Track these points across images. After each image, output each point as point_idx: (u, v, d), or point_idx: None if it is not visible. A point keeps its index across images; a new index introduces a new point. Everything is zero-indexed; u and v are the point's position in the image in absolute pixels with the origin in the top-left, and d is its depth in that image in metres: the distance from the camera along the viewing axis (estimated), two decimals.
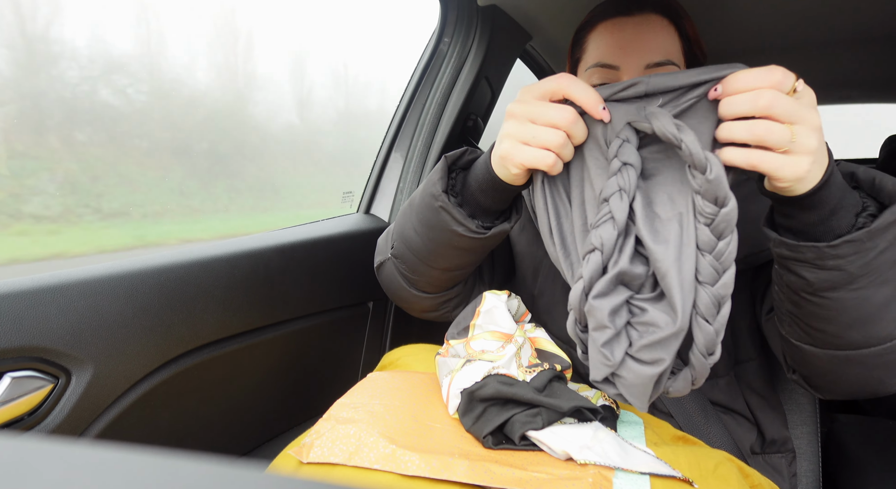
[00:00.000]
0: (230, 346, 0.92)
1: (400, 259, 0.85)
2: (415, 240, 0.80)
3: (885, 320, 0.61)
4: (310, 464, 0.57)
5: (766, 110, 0.52)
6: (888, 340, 0.62)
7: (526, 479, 0.54)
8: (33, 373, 0.68)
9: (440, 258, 0.79)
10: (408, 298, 0.90)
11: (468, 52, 1.32)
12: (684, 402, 0.84)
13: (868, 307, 0.60)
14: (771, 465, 0.85)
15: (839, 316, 0.62)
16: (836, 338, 0.64)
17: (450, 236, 0.74)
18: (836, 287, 0.59)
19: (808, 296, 0.62)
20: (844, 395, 0.72)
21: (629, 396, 0.59)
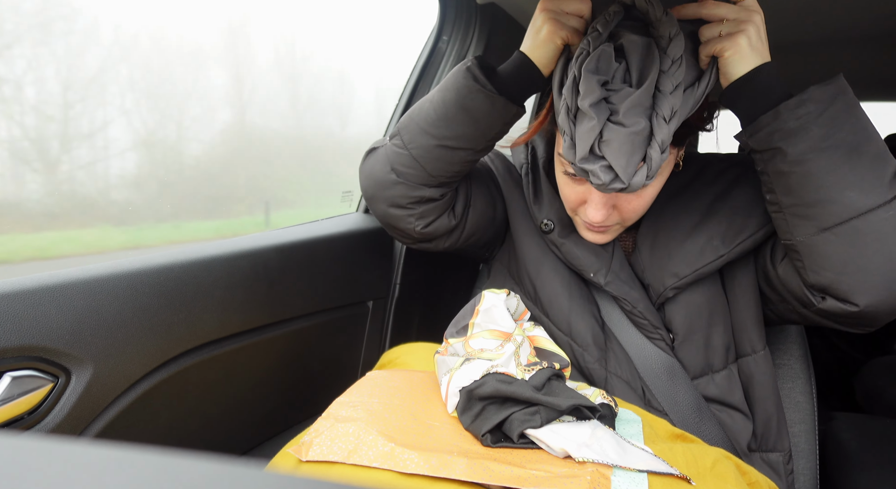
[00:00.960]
0: (230, 346, 0.92)
1: (399, 133, 0.88)
2: (425, 108, 0.86)
3: (870, 177, 0.67)
4: (309, 463, 0.58)
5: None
6: (884, 200, 0.66)
7: (524, 477, 0.54)
8: (33, 373, 0.68)
9: (443, 122, 0.83)
10: (384, 184, 0.89)
11: (467, 50, 1.32)
12: (678, 400, 0.84)
13: (848, 162, 0.67)
14: (768, 463, 0.86)
15: (826, 177, 0.68)
16: (835, 204, 0.68)
17: (463, 94, 0.81)
18: (811, 147, 0.68)
19: (791, 168, 0.70)
20: (881, 294, 0.70)
21: (614, 160, 0.67)
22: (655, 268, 0.87)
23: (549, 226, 0.91)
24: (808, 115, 0.68)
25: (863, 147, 0.68)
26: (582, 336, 0.88)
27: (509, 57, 0.84)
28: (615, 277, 0.87)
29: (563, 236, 0.90)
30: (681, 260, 0.85)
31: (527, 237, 0.96)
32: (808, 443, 0.97)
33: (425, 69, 1.34)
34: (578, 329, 0.88)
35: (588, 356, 0.87)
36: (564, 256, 0.90)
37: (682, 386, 0.85)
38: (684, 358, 0.86)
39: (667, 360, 0.85)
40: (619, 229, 0.86)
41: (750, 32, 0.70)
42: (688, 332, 0.85)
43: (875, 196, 0.67)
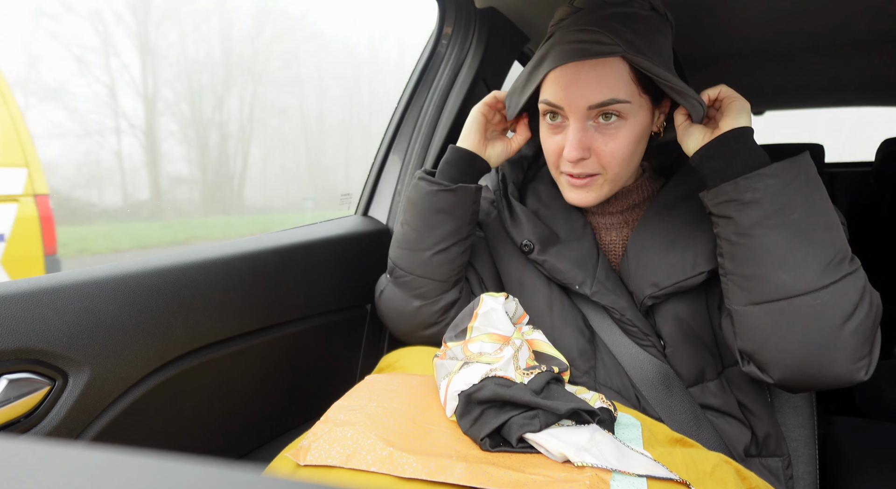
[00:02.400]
0: (228, 349, 0.92)
1: (397, 265, 0.97)
2: (404, 232, 0.96)
3: (808, 263, 0.69)
4: (307, 467, 0.57)
5: None
6: (814, 288, 0.69)
7: (523, 482, 0.54)
8: (30, 376, 0.68)
9: (426, 233, 0.93)
10: (410, 315, 0.97)
11: (466, 54, 1.32)
12: (675, 408, 0.84)
13: (789, 244, 0.70)
14: (767, 468, 0.85)
15: (766, 255, 0.71)
16: (768, 282, 0.71)
17: (430, 200, 0.92)
18: (758, 222, 0.71)
19: (738, 239, 0.73)
20: (793, 373, 0.72)
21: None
22: (638, 276, 0.87)
23: (528, 246, 0.92)
24: (765, 189, 0.71)
25: (811, 230, 0.70)
26: (567, 351, 0.88)
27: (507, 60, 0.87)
28: (601, 286, 0.87)
29: (543, 253, 0.90)
30: (662, 270, 0.84)
31: (506, 257, 0.98)
32: (808, 447, 0.97)
33: (424, 73, 1.34)
34: (562, 344, 0.89)
35: (574, 370, 0.88)
36: (548, 272, 0.91)
37: (678, 393, 0.84)
38: (678, 365, 0.85)
39: (661, 367, 0.85)
40: (603, 185, 0.84)
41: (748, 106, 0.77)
42: (678, 340, 0.85)
43: (806, 282, 0.69)
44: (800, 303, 0.69)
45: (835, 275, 0.69)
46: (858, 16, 1.30)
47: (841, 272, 0.69)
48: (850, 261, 0.71)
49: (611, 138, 0.80)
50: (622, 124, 0.80)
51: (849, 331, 0.69)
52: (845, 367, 0.70)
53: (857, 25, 1.36)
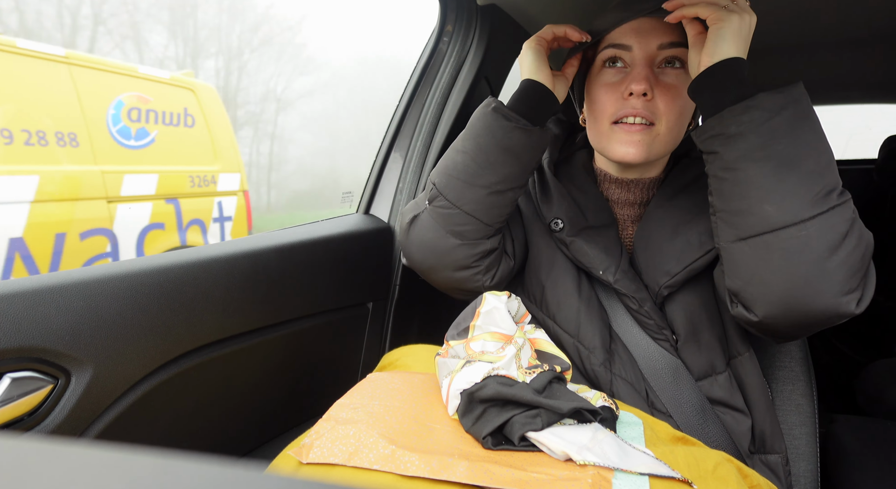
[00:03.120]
0: (230, 347, 0.92)
1: (442, 193, 0.88)
2: (461, 161, 0.87)
3: (793, 194, 0.67)
4: (309, 465, 0.57)
5: None
6: (800, 219, 0.67)
7: (525, 480, 0.54)
8: (33, 374, 0.68)
9: (487, 169, 0.85)
10: (444, 252, 0.89)
11: (468, 52, 1.32)
12: (683, 401, 0.84)
13: (775, 176, 0.68)
14: (767, 465, 0.85)
15: (751, 187, 0.70)
16: (753, 215, 0.70)
17: (500, 136, 0.84)
18: (743, 155, 0.70)
19: (724, 174, 0.72)
20: (778, 308, 0.71)
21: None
22: (650, 268, 0.87)
23: (558, 224, 0.91)
24: (750, 122, 0.69)
25: (798, 162, 0.68)
26: (590, 338, 0.88)
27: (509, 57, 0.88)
28: (623, 275, 0.87)
29: (572, 234, 0.90)
30: (671, 257, 0.85)
31: (537, 238, 0.96)
32: (809, 445, 0.97)
33: (426, 70, 1.34)
34: (587, 331, 0.88)
35: (594, 358, 0.87)
36: (574, 254, 0.90)
37: (687, 387, 0.84)
38: (688, 359, 0.86)
39: (671, 361, 0.85)
40: (654, 139, 0.84)
41: (745, 20, 0.74)
42: (690, 333, 0.86)
43: (792, 214, 0.68)
44: (785, 235, 0.68)
45: (821, 206, 0.67)
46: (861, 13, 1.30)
47: (828, 204, 0.67)
48: (840, 194, 0.69)
49: (672, 86, 0.83)
50: (682, 76, 0.83)
51: (836, 262, 0.67)
52: (833, 299, 0.68)
53: (860, 22, 1.36)
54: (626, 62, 0.85)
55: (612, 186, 0.94)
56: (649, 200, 0.94)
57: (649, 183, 0.93)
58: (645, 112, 0.82)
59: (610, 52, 0.86)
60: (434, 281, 0.95)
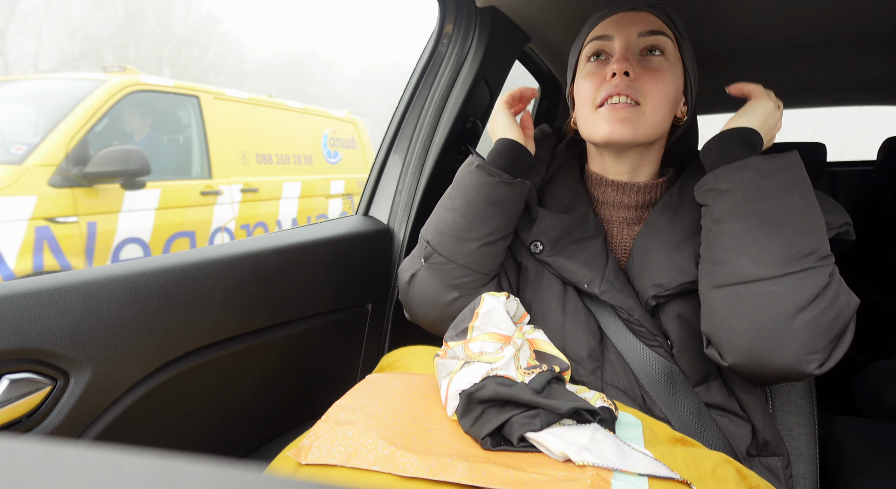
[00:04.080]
0: (229, 348, 0.92)
1: (437, 250, 0.92)
2: (451, 218, 0.92)
3: (770, 251, 0.72)
4: (308, 466, 0.57)
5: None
6: (772, 275, 0.71)
7: (524, 481, 0.54)
8: (31, 376, 0.68)
9: (477, 223, 0.89)
10: (444, 305, 0.93)
11: (467, 53, 1.32)
12: (680, 407, 0.84)
13: (756, 232, 0.73)
14: (767, 468, 0.85)
15: (732, 240, 0.74)
16: (730, 266, 0.74)
17: (486, 191, 0.89)
18: (730, 210, 0.75)
19: (711, 225, 0.77)
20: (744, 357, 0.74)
21: None
22: (643, 277, 0.87)
23: (538, 246, 0.92)
24: (740, 180, 0.75)
25: (780, 222, 0.72)
26: (576, 350, 0.88)
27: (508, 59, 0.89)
28: (609, 286, 0.87)
29: (552, 254, 0.91)
30: (667, 272, 0.85)
31: (523, 259, 0.98)
32: (809, 446, 0.97)
33: (425, 72, 1.34)
34: (573, 343, 0.88)
35: (582, 369, 0.87)
36: (557, 271, 0.91)
37: (683, 392, 0.84)
38: (683, 365, 0.86)
39: (667, 367, 0.85)
40: (640, 119, 0.85)
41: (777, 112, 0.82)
42: (684, 340, 0.85)
43: (765, 269, 0.72)
44: (756, 288, 0.72)
45: (795, 266, 0.71)
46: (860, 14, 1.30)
47: (803, 265, 0.71)
48: (820, 258, 0.72)
49: (655, 70, 0.86)
50: (665, 63, 0.87)
51: (801, 322, 0.70)
52: (794, 357, 0.70)
53: (859, 24, 1.36)
54: (608, 53, 0.89)
55: (606, 189, 0.95)
56: (647, 204, 0.94)
57: (644, 187, 0.93)
58: (628, 90, 0.84)
59: (592, 45, 0.90)
60: (438, 332, 0.96)
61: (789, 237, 0.72)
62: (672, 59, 0.87)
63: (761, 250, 0.72)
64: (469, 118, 1.37)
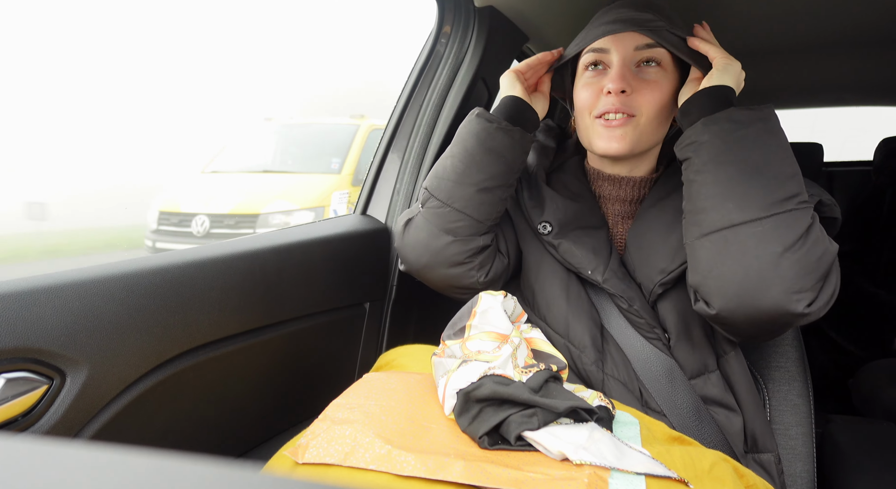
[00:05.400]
0: (226, 347, 0.92)
1: (433, 194, 0.93)
2: (449, 164, 0.93)
3: (754, 195, 0.73)
4: (305, 465, 0.57)
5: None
6: (757, 217, 0.73)
7: (522, 480, 0.54)
8: (28, 374, 0.68)
9: (473, 168, 0.90)
10: (438, 249, 0.93)
11: (465, 53, 1.32)
12: (677, 401, 0.84)
13: (739, 177, 0.74)
14: (760, 464, 0.86)
15: (716, 187, 0.76)
16: (716, 212, 0.75)
17: (484, 137, 0.90)
18: (712, 158, 0.77)
19: (694, 176, 0.79)
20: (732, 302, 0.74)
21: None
22: (644, 266, 0.88)
23: (546, 227, 0.93)
24: (720, 131, 0.77)
25: (761, 168, 0.74)
26: (579, 338, 0.89)
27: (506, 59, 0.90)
28: (612, 275, 0.88)
29: (559, 236, 0.92)
30: (665, 254, 0.86)
31: (527, 244, 0.98)
32: (806, 445, 0.97)
33: (423, 71, 1.34)
34: (576, 331, 0.89)
35: (585, 358, 0.88)
36: (562, 256, 0.91)
37: (681, 386, 0.85)
38: (680, 358, 0.86)
39: (665, 361, 0.86)
40: (634, 131, 0.89)
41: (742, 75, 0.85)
42: (681, 331, 0.86)
43: (751, 212, 0.73)
44: (742, 231, 0.73)
45: (779, 208, 0.73)
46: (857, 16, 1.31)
47: (786, 207, 0.73)
48: (801, 202, 0.74)
49: (651, 82, 0.89)
50: (661, 73, 0.89)
51: (788, 261, 0.71)
52: (783, 296, 0.71)
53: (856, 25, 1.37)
54: (606, 64, 0.91)
55: (604, 183, 0.97)
56: (641, 199, 0.96)
57: (640, 181, 0.95)
58: (623, 107, 0.87)
59: (590, 56, 0.93)
60: (429, 279, 0.98)
61: (771, 181, 0.74)
62: (668, 68, 0.90)
63: (745, 194, 0.74)
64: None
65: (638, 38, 0.88)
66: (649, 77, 0.89)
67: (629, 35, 0.88)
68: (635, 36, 0.88)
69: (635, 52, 0.89)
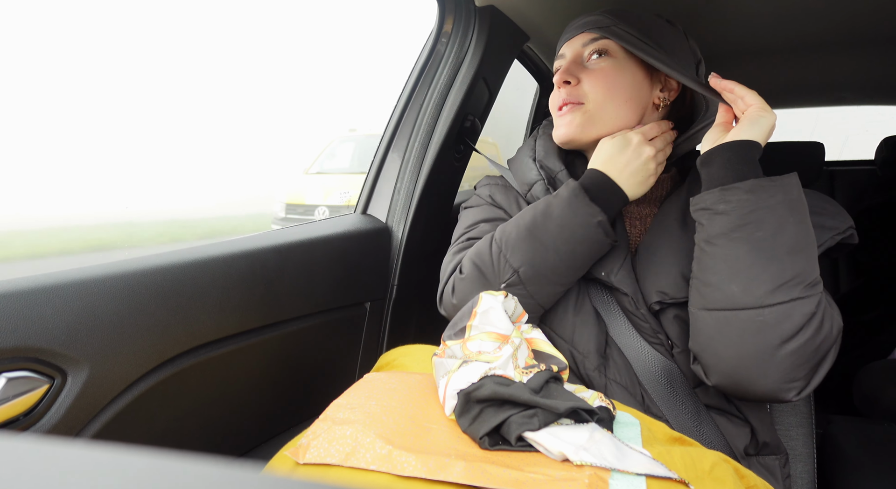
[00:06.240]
0: (227, 347, 0.92)
1: (524, 283, 0.87)
2: (551, 260, 0.86)
3: (760, 280, 0.72)
4: (306, 465, 0.57)
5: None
6: (760, 305, 0.72)
7: (522, 480, 0.54)
8: (29, 374, 0.68)
9: (573, 272, 0.87)
10: None
11: (466, 53, 1.32)
12: (678, 405, 0.84)
13: (748, 259, 0.73)
14: (765, 467, 0.85)
15: (723, 265, 0.75)
16: (720, 291, 0.75)
17: (596, 249, 0.86)
18: (725, 233, 0.75)
19: (704, 246, 0.77)
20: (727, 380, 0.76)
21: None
22: (648, 281, 0.87)
23: None
24: (738, 203, 0.74)
25: (771, 251, 0.72)
26: (584, 344, 0.88)
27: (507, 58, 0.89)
28: (626, 276, 0.89)
29: None
30: (672, 282, 0.85)
31: None
32: (807, 446, 0.97)
33: (424, 71, 1.34)
34: (582, 337, 0.89)
35: (588, 363, 0.88)
36: None
37: (682, 391, 0.84)
38: (683, 365, 0.86)
39: (666, 365, 0.85)
40: (582, 116, 0.93)
41: (773, 126, 0.79)
42: (685, 342, 0.85)
43: (753, 298, 0.72)
44: (743, 316, 0.73)
45: (784, 296, 0.71)
46: (858, 14, 1.30)
47: (791, 295, 0.71)
48: (807, 287, 0.72)
49: (597, 69, 0.93)
50: (609, 61, 0.93)
51: (785, 352, 0.71)
52: (775, 385, 0.72)
53: (858, 24, 1.36)
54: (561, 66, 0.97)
55: None
56: (654, 198, 0.96)
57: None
58: (570, 98, 0.93)
59: (555, 64, 1.00)
60: None
61: (780, 266, 0.72)
62: (619, 56, 0.93)
63: (752, 278, 0.73)
64: (468, 117, 1.37)
65: (586, 36, 0.94)
66: (597, 66, 0.93)
67: (579, 37, 0.95)
68: (584, 36, 0.95)
69: (583, 48, 0.95)
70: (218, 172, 2.05)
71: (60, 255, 0.86)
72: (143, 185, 1.72)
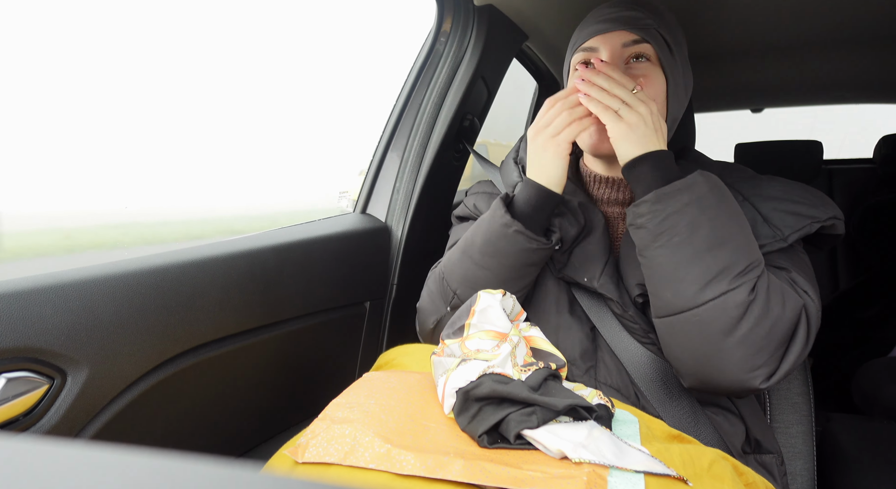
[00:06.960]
0: (226, 347, 0.92)
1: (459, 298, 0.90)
2: (482, 277, 0.88)
3: (687, 281, 0.74)
4: (305, 464, 0.57)
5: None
6: (692, 305, 0.74)
7: (521, 478, 0.54)
8: (29, 374, 0.68)
9: (510, 283, 0.87)
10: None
11: (465, 52, 1.32)
12: (674, 405, 0.84)
13: (672, 264, 0.74)
14: (762, 465, 0.86)
15: (655, 274, 0.77)
16: (659, 299, 0.77)
17: (525, 256, 0.86)
18: (647, 245, 0.77)
19: (640, 258, 0.79)
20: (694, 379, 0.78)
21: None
22: (628, 276, 0.87)
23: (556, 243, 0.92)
24: (649, 214, 0.76)
25: (693, 251, 0.74)
26: (569, 351, 0.88)
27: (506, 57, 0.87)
28: (608, 280, 0.88)
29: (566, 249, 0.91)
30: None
31: None
32: (806, 444, 0.97)
33: (422, 70, 1.34)
34: (566, 344, 0.89)
35: (575, 369, 0.88)
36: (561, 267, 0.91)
37: (676, 391, 0.84)
38: None
39: (661, 365, 0.85)
40: None
41: (639, 117, 0.78)
42: None
43: (684, 300, 0.74)
44: (682, 318, 0.75)
45: (713, 292, 0.72)
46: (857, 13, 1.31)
47: (720, 289, 0.72)
48: (736, 277, 0.72)
49: (642, 75, 0.86)
50: (651, 68, 0.87)
51: (731, 344, 0.72)
52: (736, 377, 0.73)
53: (856, 22, 1.37)
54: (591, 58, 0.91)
55: (600, 186, 0.95)
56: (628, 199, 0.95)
57: None
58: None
59: (581, 55, 0.91)
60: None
61: (703, 265, 0.73)
62: (655, 61, 0.88)
63: (679, 281, 0.74)
64: (467, 116, 1.37)
65: (625, 35, 0.87)
66: (639, 71, 0.87)
67: (616, 34, 0.87)
68: (622, 34, 0.87)
69: (623, 49, 0.87)
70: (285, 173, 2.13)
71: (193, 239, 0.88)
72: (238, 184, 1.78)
